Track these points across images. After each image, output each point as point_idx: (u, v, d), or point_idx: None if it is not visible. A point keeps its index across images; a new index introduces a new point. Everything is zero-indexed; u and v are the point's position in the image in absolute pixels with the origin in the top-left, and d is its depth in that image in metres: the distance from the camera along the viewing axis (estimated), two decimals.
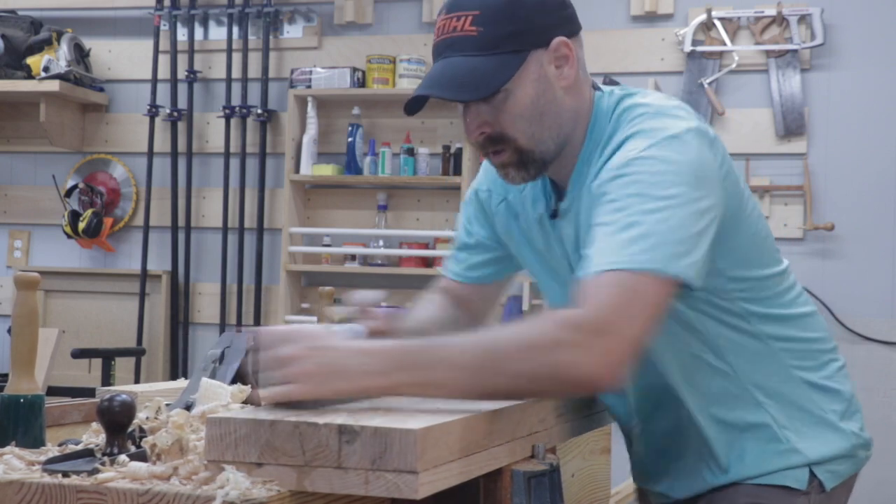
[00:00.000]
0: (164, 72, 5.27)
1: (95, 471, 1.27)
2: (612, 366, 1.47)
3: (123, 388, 2.05)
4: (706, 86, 4.56)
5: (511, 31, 1.65)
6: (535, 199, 1.85)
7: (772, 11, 4.54)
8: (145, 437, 1.42)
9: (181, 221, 5.20)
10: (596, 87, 1.79)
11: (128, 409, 1.38)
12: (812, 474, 1.82)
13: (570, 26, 1.72)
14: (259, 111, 5.11)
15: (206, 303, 5.23)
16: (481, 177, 1.96)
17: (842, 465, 1.87)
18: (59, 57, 5.17)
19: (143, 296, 5.14)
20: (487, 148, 1.72)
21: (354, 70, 4.90)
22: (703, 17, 4.61)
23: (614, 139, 1.69)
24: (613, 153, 1.66)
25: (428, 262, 4.84)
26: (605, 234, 1.54)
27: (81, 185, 5.27)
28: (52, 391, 2.59)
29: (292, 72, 5.00)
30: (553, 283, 1.88)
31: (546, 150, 1.71)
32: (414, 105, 1.74)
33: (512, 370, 1.45)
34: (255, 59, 5.15)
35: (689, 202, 1.57)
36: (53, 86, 5.09)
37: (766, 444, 1.82)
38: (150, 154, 5.23)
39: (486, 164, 1.92)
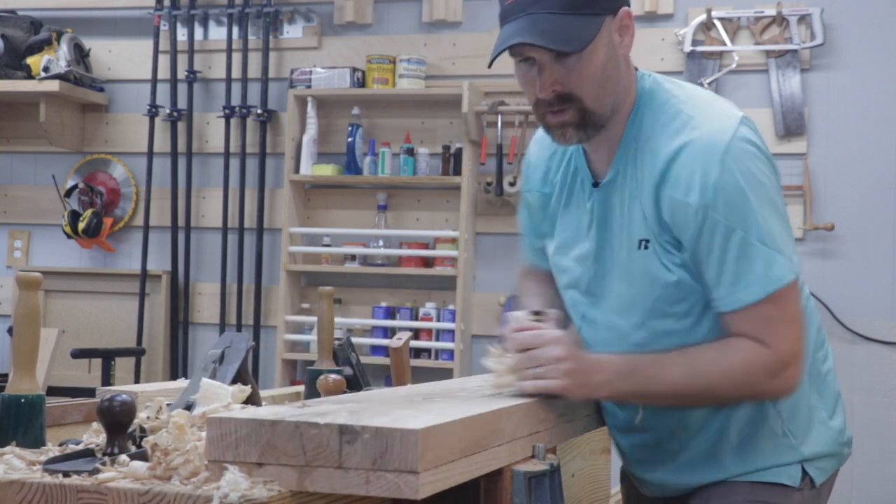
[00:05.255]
0: (164, 72, 5.27)
1: (96, 471, 1.27)
2: (797, 382, 1.79)
3: (123, 388, 2.05)
4: (706, 86, 4.56)
5: None
6: (575, 174, 1.93)
7: (772, 11, 4.54)
8: (146, 436, 1.42)
9: (181, 221, 5.20)
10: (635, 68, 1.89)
11: (128, 409, 1.38)
12: (804, 471, 1.87)
13: (627, 0, 1.84)
14: (259, 111, 5.11)
15: (206, 303, 5.23)
16: (524, 181, 2.08)
17: (829, 462, 1.92)
18: (59, 57, 5.17)
19: (143, 296, 5.14)
20: (554, 106, 1.78)
21: (354, 70, 4.90)
22: (703, 17, 4.61)
23: (666, 133, 1.78)
24: (674, 157, 1.75)
25: (428, 262, 4.84)
26: (730, 261, 1.73)
27: (81, 185, 5.27)
28: (52, 391, 2.58)
29: (292, 72, 5.00)
30: (575, 262, 1.94)
31: (604, 115, 1.80)
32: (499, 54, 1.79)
33: (717, 396, 1.80)
34: (255, 59, 5.15)
35: (775, 193, 1.77)
36: (53, 86, 5.09)
37: (770, 435, 1.86)
38: (150, 154, 5.23)
39: (524, 168, 2.05)
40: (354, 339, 3.78)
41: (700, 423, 1.87)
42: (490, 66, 1.82)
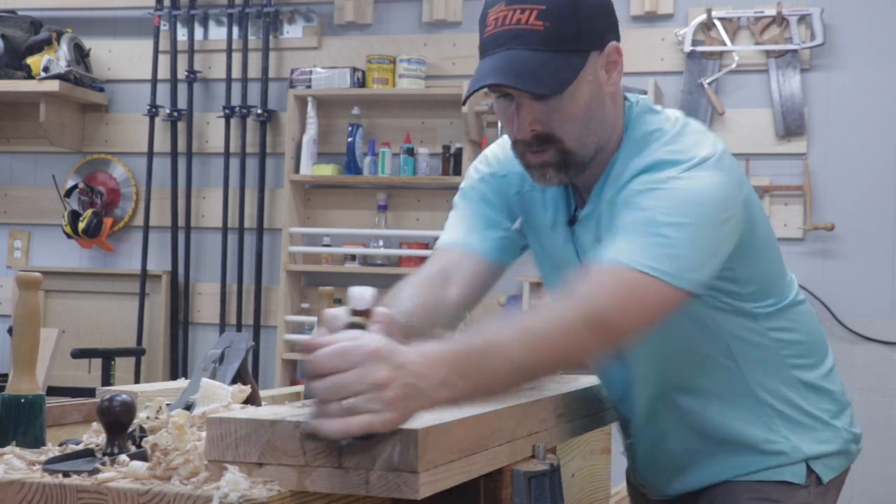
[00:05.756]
0: (164, 72, 5.27)
1: (96, 471, 1.27)
2: (605, 352, 1.58)
3: (123, 388, 2.05)
4: (706, 86, 4.56)
5: (575, 30, 1.63)
6: (548, 202, 1.83)
7: (772, 11, 4.54)
8: (146, 436, 1.42)
9: (181, 221, 5.21)
10: (624, 97, 1.78)
11: (128, 409, 1.38)
12: (809, 468, 1.86)
13: (617, 33, 1.72)
14: (259, 111, 5.11)
15: (206, 303, 5.23)
16: (495, 164, 1.91)
17: (836, 460, 1.92)
18: (59, 57, 5.17)
19: (143, 296, 5.15)
20: (533, 146, 1.68)
21: (354, 70, 4.90)
22: (703, 17, 4.61)
23: (640, 160, 1.68)
24: (639, 172, 1.66)
25: None
26: (631, 235, 1.57)
27: (81, 185, 5.27)
28: (52, 391, 2.59)
29: (292, 72, 5.00)
30: (557, 280, 1.87)
31: (587, 155, 1.70)
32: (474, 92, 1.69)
33: (550, 354, 1.47)
34: (255, 59, 5.15)
35: (715, 224, 1.62)
36: (53, 86, 5.09)
37: (764, 441, 1.85)
38: (150, 154, 5.24)
39: (500, 151, 1.90)
40: None
41: (697, 426, 1.87)
42: (464, 103, 1.75)
